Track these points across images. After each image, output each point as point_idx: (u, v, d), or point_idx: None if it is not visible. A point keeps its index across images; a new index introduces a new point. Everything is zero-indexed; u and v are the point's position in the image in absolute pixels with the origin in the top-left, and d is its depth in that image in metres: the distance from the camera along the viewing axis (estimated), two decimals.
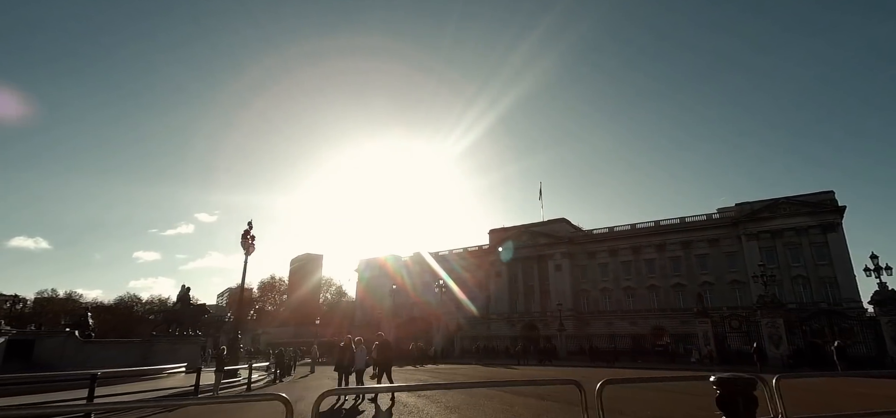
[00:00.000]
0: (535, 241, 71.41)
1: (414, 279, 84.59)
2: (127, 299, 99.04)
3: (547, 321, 66.30)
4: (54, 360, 20.76)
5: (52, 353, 21.14)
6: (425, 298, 75.46)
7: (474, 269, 77.90)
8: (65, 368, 20.28)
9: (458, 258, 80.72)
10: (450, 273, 79.80)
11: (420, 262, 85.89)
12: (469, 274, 78.15)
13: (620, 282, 64.70)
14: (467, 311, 71.32)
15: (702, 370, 30.23)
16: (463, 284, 77.56)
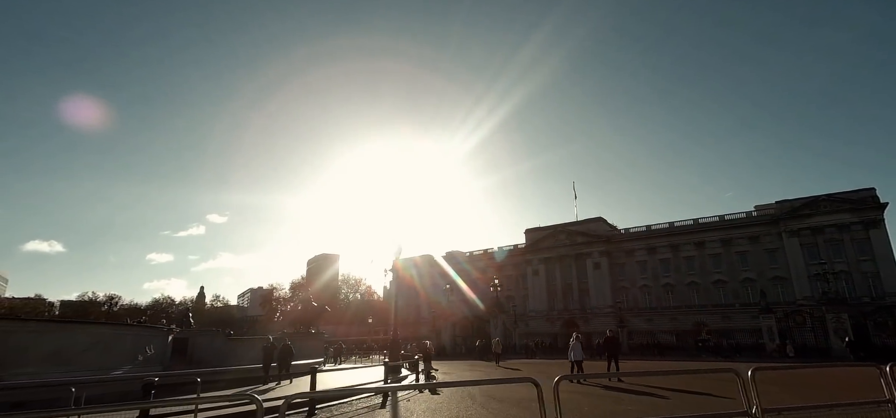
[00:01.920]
0: (572, 240, 72.87)
1: (448, 278, 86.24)
2: (162, 301, 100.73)
3: (587, 318, 67.86)
4: (207, 356, 22.27)
5: (204, 350, 22.66)
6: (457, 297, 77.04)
7: (509, 268, 79.52)
8: (216, 363, 21.85)
9: (490, 257, 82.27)
10: (484, 272, 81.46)
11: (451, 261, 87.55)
12: (504, 272, 79.77)
13: (660, 279, 66.15)
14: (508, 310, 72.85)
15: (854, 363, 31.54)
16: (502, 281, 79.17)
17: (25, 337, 14.17)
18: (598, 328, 65.12)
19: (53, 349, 14.71)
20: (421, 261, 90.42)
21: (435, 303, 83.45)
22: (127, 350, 17.67)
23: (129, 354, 17.67)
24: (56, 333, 15.89)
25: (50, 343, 14.76)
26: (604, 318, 66.08)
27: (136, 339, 18.65)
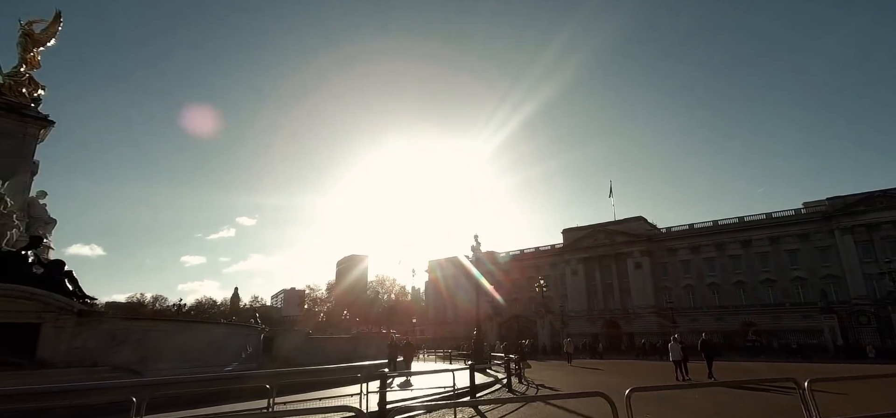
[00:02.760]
0: (611, 240, 72.33)
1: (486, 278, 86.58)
2: (204, 302, 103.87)
3: (629, 318, 67.31)
4: (292, 354, 23.18)
5: (288, 348, 23.59)
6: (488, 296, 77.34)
7: (546, 268, 79.34)
8: (299, 360, 22.74)
9: (530, 257, 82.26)
10: (520, 272, 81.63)
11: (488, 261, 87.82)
12: (541, 272, 79.68)
13: (704, 278, 65.12)
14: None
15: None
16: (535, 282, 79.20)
17: (159, 335, 15.14)
18: (641, 328, 64.66)
19: (180, 346, 15.67)
20: (453, 262, 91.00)
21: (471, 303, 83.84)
22: (234, 348, 18.62)
23: (235, 352, 18.63)
24: (181, 332, 16.88)
25: (176, 341, 15.73)
26: (646, 318, 65.49)
27: (239, 338, 19.60)
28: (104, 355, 13.06)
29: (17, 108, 21.71)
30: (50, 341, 11.87)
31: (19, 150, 21.57)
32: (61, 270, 12.55)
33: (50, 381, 10.91)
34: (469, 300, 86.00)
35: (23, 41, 23.44)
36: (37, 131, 22.23)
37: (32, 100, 22.70)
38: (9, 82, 22.12)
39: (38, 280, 12.02)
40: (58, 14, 24.44)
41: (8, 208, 19.62)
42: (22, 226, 20.41)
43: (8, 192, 20.07)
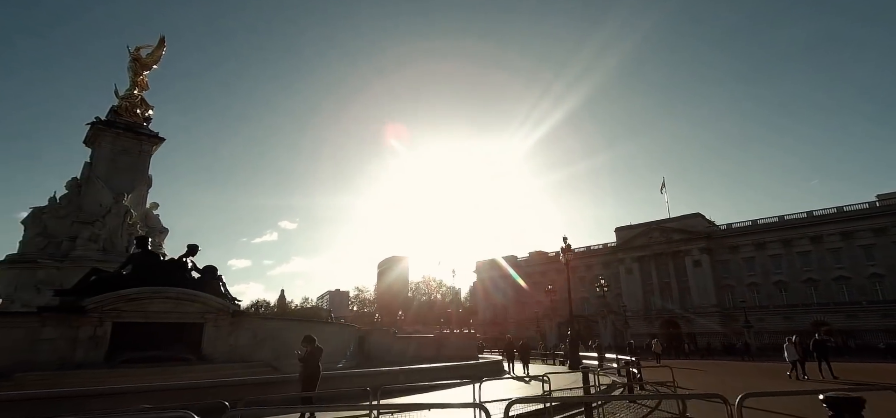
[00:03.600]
0: (667, 238, 70.64)
1: (534, 278, 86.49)
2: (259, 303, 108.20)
3: (689, 317, 65.55)
4: (381, 352, 24.17)
5: (378, 346, 24.62)
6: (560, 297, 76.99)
7: (599, 267, 78.27)
8: (388, 358, 23.68)
9: (581, 256, 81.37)
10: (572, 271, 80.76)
11: (539, 261, 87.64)
12: (593, 271, 78.74)
13: (770, 276, 62.60)
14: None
15: None
16: (589, 282, 78.45)
17: (289, 334, 16.35)
18: (703, 328, 62.93)
19: None
20: (501, 262, 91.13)
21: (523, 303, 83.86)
22: (342, 346, 19.74)
23: (343, 349, 19.76)
24: (301, 331, 18.09)
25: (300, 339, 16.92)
26: (708, 318, 63.60)
27: (345, 336, 20.75)
28: (250, 351, 14.32)
29: (134, 128, 23.77)
30: (211, 339, 13.16)
31: (136, 166, 23.63)
32: (215, 275, 13.82)
33: (216, 375, 12.15)
34: (520, 300, 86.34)
35: (133, 65, 25.45)
36: (150, 147, 24.25)
37: (144, 119, 24.74)
38: (125, 104, 24.15)
39: (196, 284, 13.31)
40: (162, 39, 26.47)
41: (133, 219, 21.61)
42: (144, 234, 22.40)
43: (130, 204, 22.10)
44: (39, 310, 11.39)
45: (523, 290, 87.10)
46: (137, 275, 12.45)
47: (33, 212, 20.91)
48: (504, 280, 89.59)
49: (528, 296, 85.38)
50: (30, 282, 18.80)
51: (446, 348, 27.33)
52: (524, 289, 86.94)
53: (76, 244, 19.92)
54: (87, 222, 20.68)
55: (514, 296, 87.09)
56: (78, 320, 11.25)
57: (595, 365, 20.91)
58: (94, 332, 11.37)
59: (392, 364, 22.12)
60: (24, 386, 9.74)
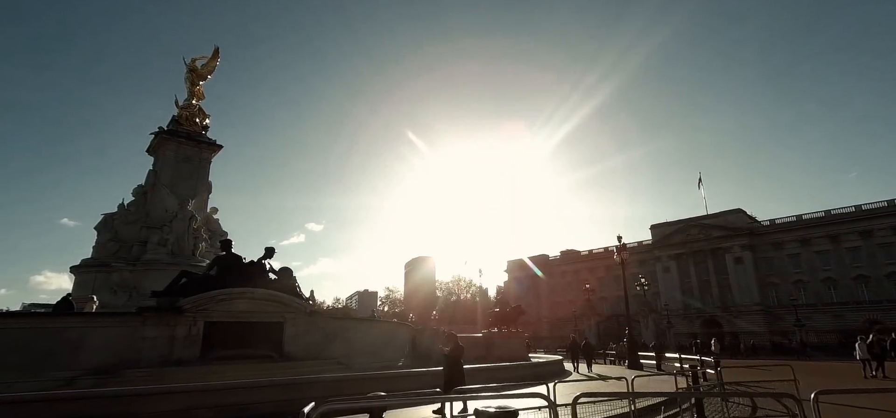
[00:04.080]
0: (706, 234, 69.02)
1: (567, 277, 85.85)
2: None
3: (731, 316, 63.88)
4: (430, 351, 24.50)
5: (427, 345, 24.96)
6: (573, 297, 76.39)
7: (635, 265, 77.10)
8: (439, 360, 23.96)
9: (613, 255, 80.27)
10: (604, 270, 79.93)
11: (571, 260, 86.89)
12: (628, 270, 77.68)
13: (817, 273, 60.48)
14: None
15: None
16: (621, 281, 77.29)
17: (355, 333, 16.85)
18: (746, 327, 61.18)
19: (369, 342, 17.31)
20: (534, 262, 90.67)
21: (557, 303, 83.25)
22: (400, 343, 20.16)
23: (401, 347, 20.17)
24: (368, 329, 18.60)
25: (367, 337, 17.40)
26: (752, 317, 61.86)
27: (402, 334, 21.16)
28: (321, 349, 14.80)
29: (194, 136, 24.75)
30: (291, 337, 13.68)
31: (197, 173, 24.60)
32: (290, 275, 14.37)
33: (296, 372, 12.64)
34: (553, 299, 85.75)
35: (190, 76, 26.42)
36: (210, 155, 25.21)
37: (202, 128, 25.70)
38: (184, 114, 25.15)
39: (274, 285, 13.86)
40: (216, 50, 27.43)
41: (197, 224, 22.52)
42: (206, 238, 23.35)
43: (193, 210, 23.04)
44: (139, 311, 12.08)
45: (556, 289, 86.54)
46: (222, 277, 13.05)
47: (105, 218, 22.04)
48: (536, 279, 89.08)
49: (561, 295, 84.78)
50: (106, 285, 19.85)
51: (495, 348, 27.42)
52: (557, 288, 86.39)
53: (146, 248, 20.93)
54: (154, 227, 21.69)
55: (547, 295, 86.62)
56: (175, 319, 11.88)
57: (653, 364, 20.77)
58: (189, 331, 11.99)
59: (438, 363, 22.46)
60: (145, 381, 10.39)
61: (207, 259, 22.53)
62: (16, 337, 11.10)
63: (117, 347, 11.62)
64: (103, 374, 11.16)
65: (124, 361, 11.54)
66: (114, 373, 11.24)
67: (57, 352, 11.18)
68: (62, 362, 11.10)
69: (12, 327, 11.25)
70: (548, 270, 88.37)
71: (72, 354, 11.24)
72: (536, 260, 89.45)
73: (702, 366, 14.87)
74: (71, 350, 11.27)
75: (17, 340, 11.04)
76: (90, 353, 11.40)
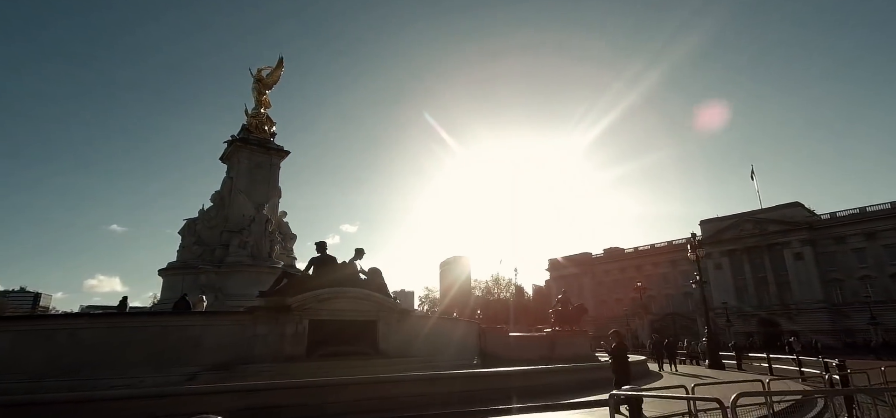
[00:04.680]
0: (762, 230, 66.35)
1: (612, 275, 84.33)
2: None
3: (790, 314, 61.19)
4: (498, 351, 24.60)
5: (494, 344, 25.11)
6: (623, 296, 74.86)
7: (684, 263, 74.98)
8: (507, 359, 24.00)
9: (663, 252, 78.37)
10: (653, 267, 78.11)
11: (616, 258, 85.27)
12: (678, 268, 75.72)
13: (885, 268, 57.19)
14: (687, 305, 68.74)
15: None
16: (672, 278, 75.52)
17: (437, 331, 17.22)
18: (808, 325, 58.37)
19: (451, 340, 17.69)
20: (576, 260, 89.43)
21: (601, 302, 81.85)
22: (472, 343, 20.42)
23: (474, 346, 20.44)
24: (449, 328, 19.00)
25: (448, 335, 17.79)
26: (814, 314, 59.02)
27: (473, 333, 21.46)
28: (409, 347, 15.19)
29: (264, 143, 25.76)
30: (383, 335, 14.12)
31: (269, 178, 25.59)
32: (380, 275, 14.83)
33: (391, 369, 13.06)
34: (598, 297, 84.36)
35: (256, 86, 27.47)
36: (279, 161, 26.17)
37: (271, 135, 26.73)
38: (254, 122, 26.19)
39: (365, 284, 14.33)
40: (280, 60, 28.42)
41: (272, 227, 23.47)
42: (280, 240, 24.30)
43: (268, 213, 24.01)
44: (249, 309, 12.76)
45: (600, 288, 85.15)
46: (319, 277, 13.62)
47: (188, 223, 23.25)
48: (578, 277, 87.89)
49: (606, 294, 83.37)
50: (194, 286, 20.92)
51: (559, 347, 27.28)
52: (601, 287, 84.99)
53: (229, 251, 21.95)
54: (234, 231, 22.73)
55: (592, 293, 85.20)
56: (283, 318, 12.49)
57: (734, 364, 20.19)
58: (296, 329, 12.57)
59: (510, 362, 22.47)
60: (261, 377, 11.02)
61: (281, 260, 23.60)
62: (143, 334, 11.95)
63: (232, 344, 12.30)
64: (222, 370, 11.85)
65: (238, 358, 12.20)
66: (230, 369, 11.93)
67: (179, 349, 11.94)
68: (184, 358, 11.86)
69: (140, 325, 12.10)
70: (591, 268, 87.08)
71: (192, 351, 11.99)
72: (579, 258, 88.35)
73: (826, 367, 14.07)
74: (192, 347, 12.02)
75: (145, 337, 11.88)
76: (208, 350, 12.11)
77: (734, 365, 21.42)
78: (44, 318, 14.47)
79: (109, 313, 14.06)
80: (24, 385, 10.84)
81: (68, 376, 11.11)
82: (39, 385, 10.77)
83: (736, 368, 20.78)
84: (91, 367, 11.40)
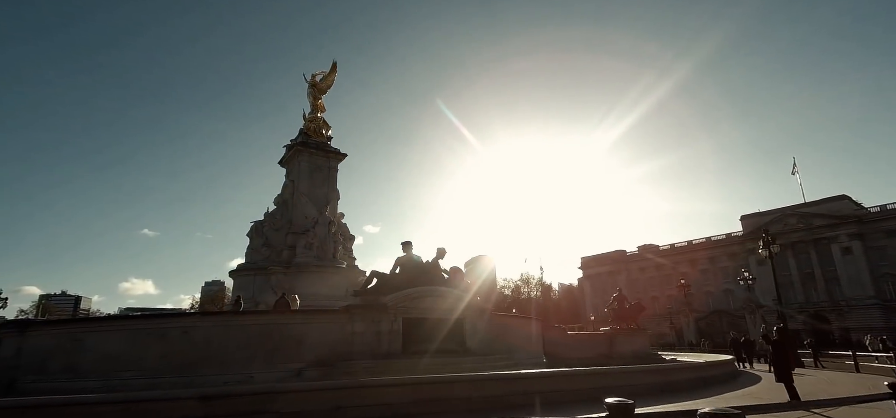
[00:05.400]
0: (807, 224, 64.42)
1: (647, 273, 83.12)
2: None
3: (840, 310, 59.28)
4: (556, 349, 24.61)
5: (551, 343, 25.12)
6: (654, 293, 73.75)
7: (725, 259, 73.55)
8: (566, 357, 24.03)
9: (702, 248, 76.89)
10: (690, 264, 76.65)
11: (651, 255, 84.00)
12: (718, 264, 74.32)
13: None
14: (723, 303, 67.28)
15: None
16: (712, 275, 74.04)
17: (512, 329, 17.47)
18: (859, 322, 56.47)
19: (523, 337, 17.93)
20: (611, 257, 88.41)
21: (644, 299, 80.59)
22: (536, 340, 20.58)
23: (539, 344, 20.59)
24: (522, 325, 19.28)
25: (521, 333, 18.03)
26: (865, 311, 57.06)
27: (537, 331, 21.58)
28: (492, 344, 15.45)
29: (323, 147, 26.36)
30: (470, 332, 14.42)
31: (328, 180, 26.17)
32: (462, 274, 15.13)
33: (479, 366, 13.32)
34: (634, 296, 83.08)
35: (311, 91, 28.11)
36: (336, 163, 26.75)
37: (327, 138, 27.33)
38: (311, 126, 26.81)
39: (450, 283, 14.63)
40: (334, 64, 29.03)
41: (335, 228, 24.04)
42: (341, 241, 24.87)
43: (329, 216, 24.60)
44: (347, 308, 13.20)
45: (635, 285, 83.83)
46: (406, 276, 13.97)
47: (255, 226, 24.02)
48: (612, 275, 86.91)
49: (643, 292, 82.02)
50: (266, 286, 21.66)
51: (618, 345, 27.10)
52: (637, 284, 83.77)
53: (296, 252, 22.63)
54: (298, 233, 23.40)
55: (627, 291, 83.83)
56: (379, 316, 12.90)
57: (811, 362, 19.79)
58: (391, 326, 12.97)
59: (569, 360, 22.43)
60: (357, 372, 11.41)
61: (344, 261, 24.18)
62: (249, 333, 12.49)
63: (331, 341, 12.75)
64: (324, 366, 12.31)
65: (337, 354, 12.64)
66: (332, 365, 12.37)
67: (284, 346, 12.45)
68: (290, 355, 12.36)
69: (247, 324, 12.65)
70: (625, 266, 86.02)
71: (296, 348, 12.48)
72: (612, 256, 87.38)
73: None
74: (295, 344, 12.52)
75: (251, 335, 12.43)
76: (310, 347, 12.59)
77: (812, 365, 20.96)
78: (158, 317, 15.19)
79: (220, 312, 14.62)
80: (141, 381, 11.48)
81: (182, 372, 11.71)
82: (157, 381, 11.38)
83: (814, 366, 20.32)
84: (204, 364, 12.01)
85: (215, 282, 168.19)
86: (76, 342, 12.57)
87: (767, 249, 25.30)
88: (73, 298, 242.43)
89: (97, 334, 12.49)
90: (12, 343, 12.95)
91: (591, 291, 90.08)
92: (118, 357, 12.10)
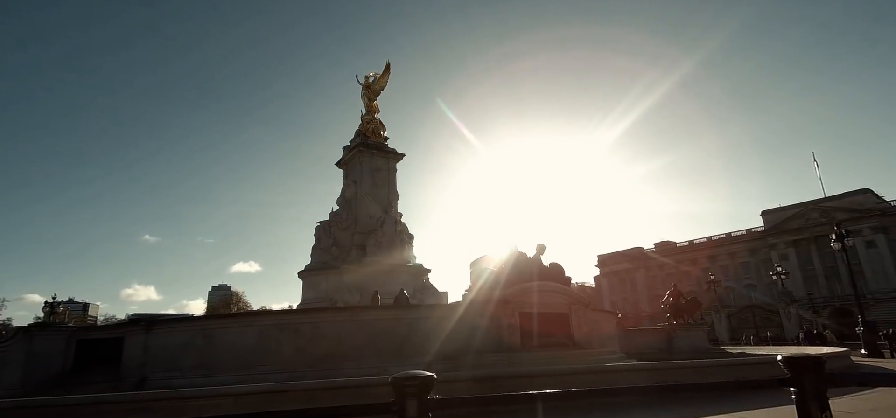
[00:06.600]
0: (829, 218, 64.61)
1: (666, 269, 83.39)
2: None
3: (867, 304, 59.37)
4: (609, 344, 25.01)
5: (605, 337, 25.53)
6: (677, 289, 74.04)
7: (745, 254, 73.94)
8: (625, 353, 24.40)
9: (722, 243, 77.26)
10: (709, 261, 76.97)
11: (667, 252, 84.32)
12: (737, 259, 74.73)
13: None
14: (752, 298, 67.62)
15: None
16: (733, 270, 74.40)
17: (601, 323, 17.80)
18: (885, 316, 56.72)
19: (607, 332, 18.24)
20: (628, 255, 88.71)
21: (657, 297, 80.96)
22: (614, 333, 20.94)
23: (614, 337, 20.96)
24: (607, 320, 19.62)
25: (606, 327, 18.34)
26: (892, 304, 57.37)
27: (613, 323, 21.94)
28: (590, 338, 15.78)
29: (382, 147, 26.69)
30: (575, 326, 14.76)
31: (387, 181, 26.48)
32: (562, 270, 15.48)
33: (584, 358, 13.68)
34: (652, 293, 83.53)
35: (365, 92, 28.41)
36: (395, 163, 27.06)
37: (383, 139, 27.65)
38: (368, 127, 27.12)
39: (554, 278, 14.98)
40: (387, 65, 29.30)
41: (399, 227, 24.39)
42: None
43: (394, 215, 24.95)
44: (470, 302, 13.56)
45: (654, 282, 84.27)
46: (518, 273, 14.32)
47: (322, 225, 24.34)
48: (631, 273, 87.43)
49: (661, 289, 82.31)
50: (338, 286, 22.01)
51: (677, 339, 27.41)
52: (655, 281, 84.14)
53: (366, 251, 22.98)
54: (365, 233, 23.74)
55: (645, 289, 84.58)
56: (500, 310, 13.26)
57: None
58: (511, 321, 13.33)
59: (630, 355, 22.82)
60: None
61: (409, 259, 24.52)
62: (379, 327, 12.86)
63: (455, 335, 13.10)
64: (450, 359, 12.65)
65: (460, 349, 12.99)
66: (458, 358, 12.72)
67: (410, 340, 12.83)
68: (417, 348, 12.72)
69: (375, 319, 13.01)
70: (643, 263, 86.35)
71: (422, 341, 12.83)
72: (630, 253, 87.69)
73: None
74: (421, 338, 12.88)
75: (381, 330, 12.79)
76: (435, 341, 12.93)
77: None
78: (287, 313, 15.55)
79: (350, 307, 15.00)
80: (276, 376, 11.77)
81: (316, 366, 12.03)
82: (296, 374, 11.67)
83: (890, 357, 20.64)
84: (337, 358, 12.37)
85: (222, 287, 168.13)
86: (207, 338, 12.95)
87: (840, 242, 25.13)
88: (81, 305, 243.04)
89: (230, 331, 12.82)
90: (139, 341, 13.31)
91: (608, 288, 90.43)
92: (252, 352, 12.47)
